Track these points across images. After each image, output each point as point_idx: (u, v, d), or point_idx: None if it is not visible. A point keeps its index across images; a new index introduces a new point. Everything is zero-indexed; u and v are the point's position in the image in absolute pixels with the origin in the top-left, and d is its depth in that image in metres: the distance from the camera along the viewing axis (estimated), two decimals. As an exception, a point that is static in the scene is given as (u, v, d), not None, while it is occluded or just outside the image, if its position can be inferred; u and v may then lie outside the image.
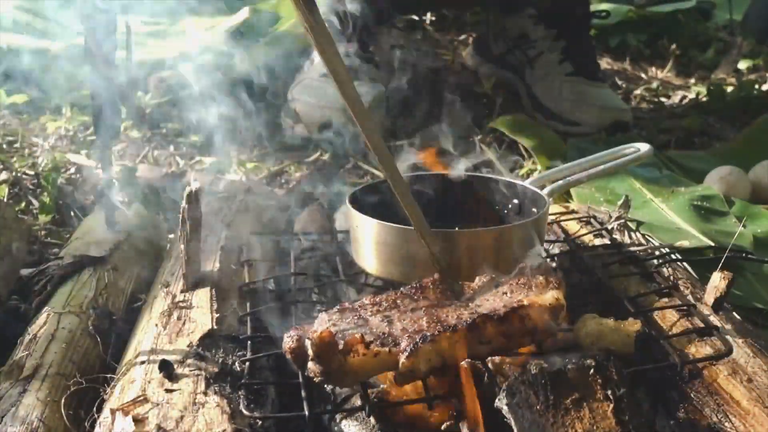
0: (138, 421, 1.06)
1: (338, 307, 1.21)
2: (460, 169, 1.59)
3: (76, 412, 1.23)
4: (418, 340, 1.09)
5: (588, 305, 1.33)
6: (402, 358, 1.08)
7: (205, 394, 1.12)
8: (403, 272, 1.40)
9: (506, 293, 1.21)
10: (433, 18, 3.63)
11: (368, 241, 1.44)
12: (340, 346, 1.08)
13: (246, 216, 1.80)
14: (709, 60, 3.59)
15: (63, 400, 1.21)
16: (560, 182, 1.62)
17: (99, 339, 1.42)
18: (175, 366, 1.18)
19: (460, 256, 1.36)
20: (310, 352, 1.09)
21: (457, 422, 1.10)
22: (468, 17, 3.61)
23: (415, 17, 3.18)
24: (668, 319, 1.34)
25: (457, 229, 1.49)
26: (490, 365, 1.14)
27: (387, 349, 1.09)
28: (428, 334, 1.10)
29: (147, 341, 1.29)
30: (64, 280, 1.59)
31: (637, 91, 3.26)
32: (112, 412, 1.09)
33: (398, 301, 1.22)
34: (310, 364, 1.09)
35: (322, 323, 1.16)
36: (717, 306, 1.32)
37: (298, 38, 3.16)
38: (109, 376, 1.26)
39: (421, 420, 1.14)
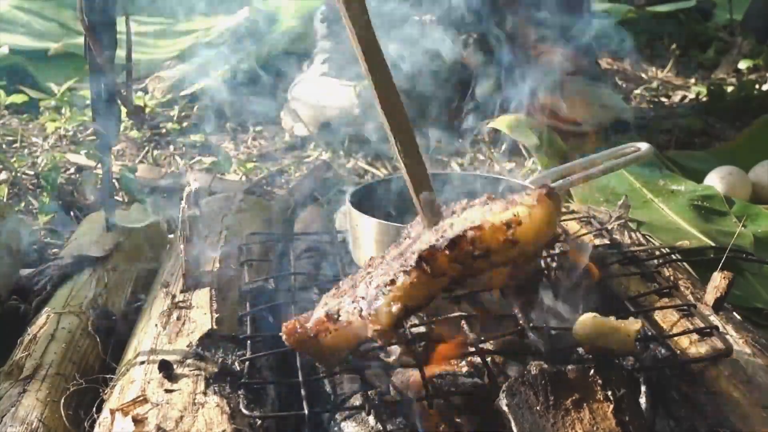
0: (138, 421, 1.05)
1: (335, 286, 1.20)
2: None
3: (76, 412, 1.23)
4: (373, 302, 1.05)
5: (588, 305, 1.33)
6: (369, 326, 1.06)
7: (205, 394, 1.12)
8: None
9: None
10: (433, 18, 3.63)
11: (368, 240, 1.44)
12: (312, 333, 1.07)
13: (246, 216, 1.80)
14: (709, 60, 3.59)
15: (63, 401, 1.21)
16: (560, 182, 1.62)
17: (99, 339, 1.41)
18: (175, 366, 1.18)
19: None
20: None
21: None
22: (468, 17, 3.61)
23: (416, 17, 3.18)
24: (668, 319, 1.34)
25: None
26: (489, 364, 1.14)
27: (352, 320, 1.07)
28: (383, 291, 1.05)
29: (147, 341, 1.29)
30: (63, 280, 1.59)
31: (637, 91, 3.26)
32: (112, 412, 1.09)
33: (386, 253, 1.18)
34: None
35: (318, 307, 1.15)
36: (717, 306, 1.32)
37: (297, 38, 3.17)
38: (108, 376, 1.26)
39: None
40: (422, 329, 1.24)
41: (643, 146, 1.67)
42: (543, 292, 1.30)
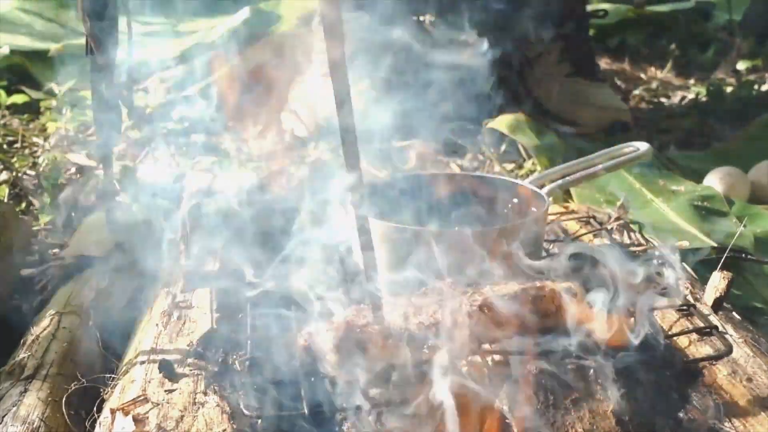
0: (138, 420, 1.06)
1: (353, 306, 1.22)
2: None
3: (77, 411, 1.23)
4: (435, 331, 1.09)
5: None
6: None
7: (205, 393, 1.12)
8: (402, 271, 1.40)
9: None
10: (433, 18, 3.64)
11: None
12: (361, 336, 1.09)
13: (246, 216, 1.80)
14: (709, 60, 3.59)
15: (64, 400, 1.21)
16: (560, 182, 1.62)
17: (99, 339, 1.42)
18: (175, 366, 1.18)
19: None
20: (330, 343, 1.09)
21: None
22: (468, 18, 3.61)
23: (415, 18, 3.18)
24: (668, 319, 1.34)
25: (456, 228, 1.49)
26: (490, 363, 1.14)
27: (401, 346, 1.10)
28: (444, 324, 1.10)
29: (147, 341, 1.29)
30: (64, 280, 1.59)
31: (637, 92, 3.26)
32: (113, 411, 1.09)
33: (413, 299, 1.22)
34: (329, 356, 1.10)
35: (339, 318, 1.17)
36: (717, 306, 1.32)
37: (298, 38, 3.16)
38: (109, 375, 1.26)
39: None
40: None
41: (643, 146, 1.67)
42: None
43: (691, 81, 3.45)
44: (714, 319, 1.29)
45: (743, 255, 1.64)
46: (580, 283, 1.23)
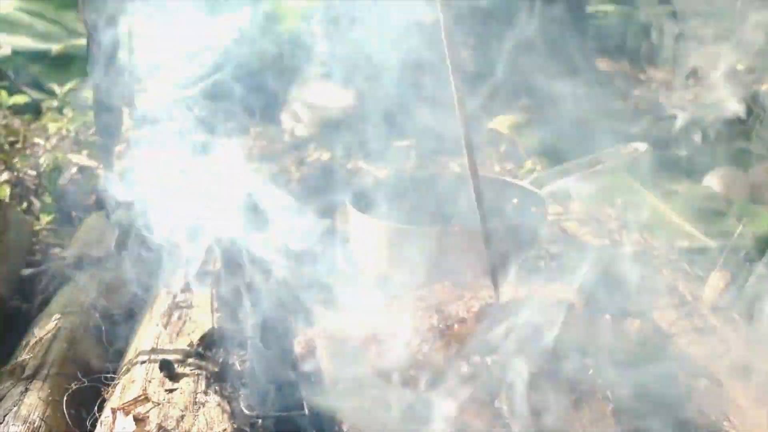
0: (139, 420, 1.06)
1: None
2: None
3: (78, 411, 1.23)
4: None
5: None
6: None
7: (206, 393, 1.13)
8: (401, 271, 1.40)
9: None
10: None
11: (367, 240, 1.45)
12: None
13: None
14: (709, 60, 3.59)
15: (64, 400, 1.22)
16: (560, 182, 1.62)
17: (100, 339, 1.42)
18: (176, 365, 1.18)
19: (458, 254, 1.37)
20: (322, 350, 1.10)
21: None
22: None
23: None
24: (668, 318, 1.34)
25: (456, 228, 1.49)
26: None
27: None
28: None
29: (147, 341, 1.30)
30: (65, 280, 1.59)
31: (637, 92, 3.26)
32: (113, 411, 1.09)
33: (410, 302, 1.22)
34: (322, 363, 1.11)
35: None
36: (716, 306, 1.32)
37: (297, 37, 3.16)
38: (110, 375, 1.27)
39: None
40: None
41: (642, 146, 1.67)
42: None
43: (691, 81, 3.44)
44: (714, 319, 1.29)
45: (743, 255, 1.64)
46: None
